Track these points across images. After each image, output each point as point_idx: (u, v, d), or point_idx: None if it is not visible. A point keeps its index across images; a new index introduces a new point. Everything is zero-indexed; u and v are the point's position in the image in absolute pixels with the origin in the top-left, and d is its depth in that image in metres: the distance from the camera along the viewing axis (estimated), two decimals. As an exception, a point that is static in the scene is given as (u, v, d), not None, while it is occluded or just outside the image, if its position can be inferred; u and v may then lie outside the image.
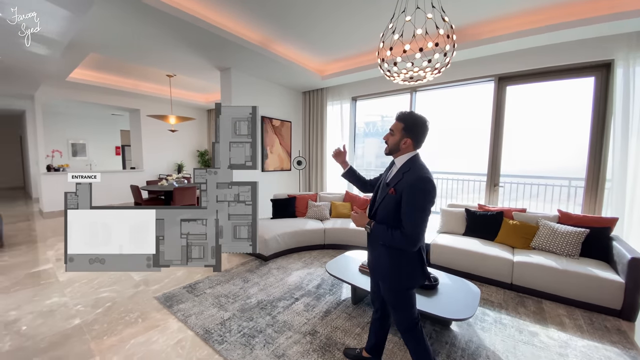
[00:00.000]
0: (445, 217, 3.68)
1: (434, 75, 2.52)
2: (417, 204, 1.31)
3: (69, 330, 2.10)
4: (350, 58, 4.27)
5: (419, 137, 1.43)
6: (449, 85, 4.14)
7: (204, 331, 2.10)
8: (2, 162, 9.18)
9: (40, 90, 5.19)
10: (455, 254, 3.08)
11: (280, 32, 3.41)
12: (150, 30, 3.01)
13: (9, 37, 2.67)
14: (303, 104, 5.63)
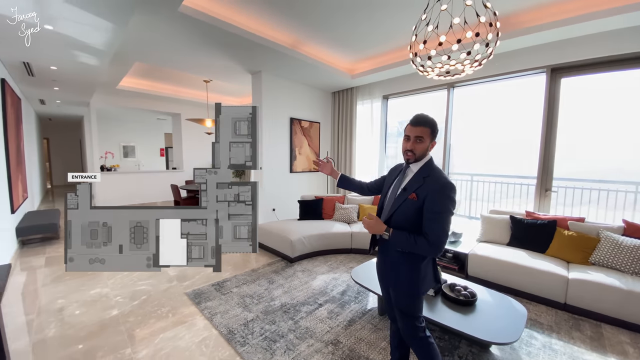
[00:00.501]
0: (487, 225, 3.35)
1: (474, 68, 2.29)
2: (445, 210, 1.28)
3: (106, 320, 2.24)
4: (381, 55, 4.10)
5: (436, 137, 1.42)
6: (491, 79, 3.78)
7: (227, 331, 2.11)
8: (64, 162, 10.40)
9: (95, 97, 5.75)
10: (497, 267, 2.78)
11: (309, 32, 3.37)
12: (186, 37, 3.15)
13: (62, 48, 2.96)
14: (332, 105, 5.56)
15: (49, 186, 10.11)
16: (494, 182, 4.87)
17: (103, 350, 1.90)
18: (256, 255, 3.71)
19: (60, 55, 3.18)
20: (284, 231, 3.56)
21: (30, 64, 3.40)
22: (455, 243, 3.30)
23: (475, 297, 2.04)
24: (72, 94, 5.22)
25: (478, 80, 3.86)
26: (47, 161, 10.09)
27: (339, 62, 4.38)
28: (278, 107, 4.60)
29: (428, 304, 2.02)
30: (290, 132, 4.79)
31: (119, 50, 3.48)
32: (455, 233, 3.44)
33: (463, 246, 3.19)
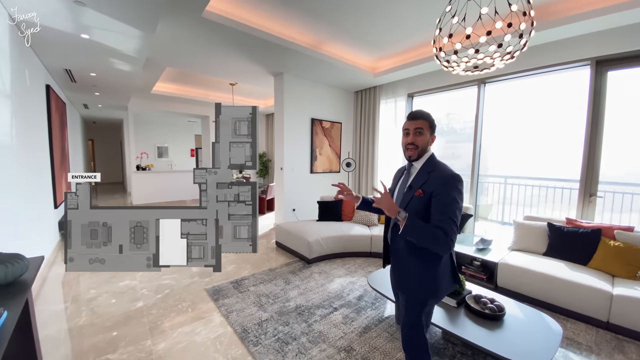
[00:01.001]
0: (521, 232, 3.09)
1: (505, 62, 2.11)
2: (453, 202, 1.23)
3: (132, 312, 2.36)
4: (405, 52, 3.95)
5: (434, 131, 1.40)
6: (527, 73, 3.49)
7: (242, 329, 2.13)
8: (107, 162, 11.29)
9: (132, 101, 6.16)
10: (531, 279, 2.54)
11: (329, 31, 3.34)
12: (210, 42, 3.25)
13: (98, 55, 3.18)
14: (355, 104, 5.47)
15: (93, 184, 11.02)
16: (530, 186, 4.51)
17: (125, 341, 2.00)
18: (275, 255, 3.73)
19: (97, 62, 3.42)
20: (302, 232, 3.55)
21: (71, 71, 3.71)
22: (484, 251, 3.08)
23: (503, 312, 1.87)
24: (112, 99, 5.63)
25: (512, 75, 3.58)
26: (92, 161, 11.00)
27: (361, 61, 4.29)
28: (299, 108, 4.61)
29: (449, 316, 1.89)
30: (311, 133, 4.78)
31: (150, 56, 3.68)
32: (484, 239, 3.21)
33: (493, 254, 2.97)
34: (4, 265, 1.32)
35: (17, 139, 2.35)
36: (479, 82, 3.89)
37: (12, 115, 2.26)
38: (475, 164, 4.00)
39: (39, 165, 3.13)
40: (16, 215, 2.29)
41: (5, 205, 2.07)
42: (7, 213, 2.10)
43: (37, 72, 3.24)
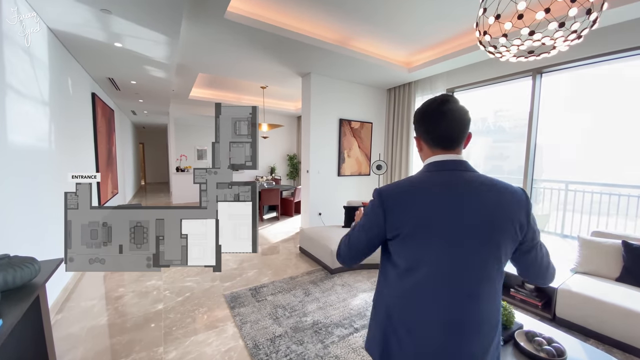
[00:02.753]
0: (587, 251, 2.55)
1: (570, 43, 1.70)
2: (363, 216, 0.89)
3: (151, 314, 2.38)
4: (443, 43, 3.56)
5: (423, 129, 0.85)
6: (594, 60, 2.90)
7: (253, 344, 2.00)
8: (156, 164, 12.26)
9: (172, 107, 6.53)
10: (600, 311, 2.05)
11: (357, 26, 3.10)
12: (235, 44, 3.22)
13: (134, 63, 3.34)
14: (387, 103, 5.14)
15: (143, 183, 12.06)
16: (599, 193, 3.78)
17: (140, 345, 1.99)
18: (298, 261, 3.59)
19: (134, 70, 3.61)
20: (326, 238, 3.36)
21: (114, 79, 3.98)
22: (538, 270, 2.58)
23: (564, 356, 1.47)
24: (154, 105, 6.02)
25: (576, 62, 3.00)
26: (142, 163, 12.04)
27: (394, 55, 3.98)
28: (327, 108, 4.44)
29: (491, 354, 1.55)
30: (339, 134, 4.57)
31: (181, 62, 3.80)
32: (537, 257, 2.71)
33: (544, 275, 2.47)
34: (13, 269, 1.33)
35: (55, 144, 2.51)
36: (534, 72, 3.34)
37: (50, 122, 2.41)
38: (528, 166, 3.45)
39: (82, 168, 3.37)
40: (54, 216, 2.43)
41: (42, 208, 2.20)
42: (42, 216, 2.22)
43: (83, 81, 3.51)
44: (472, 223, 0.73)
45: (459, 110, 0.80)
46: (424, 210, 0.75)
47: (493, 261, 0.74)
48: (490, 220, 0.73)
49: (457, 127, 0.80)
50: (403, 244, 0.78)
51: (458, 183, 0.77)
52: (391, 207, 0.78)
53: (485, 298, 0.74)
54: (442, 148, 0.82)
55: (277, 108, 7.39)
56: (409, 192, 0.79)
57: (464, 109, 0.81)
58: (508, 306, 1.68)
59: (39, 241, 2.14)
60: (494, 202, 0.74)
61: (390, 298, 0.82)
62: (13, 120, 1.83)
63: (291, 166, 8.54)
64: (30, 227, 2.04)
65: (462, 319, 0.74)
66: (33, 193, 2.10)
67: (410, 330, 0.77)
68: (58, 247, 2.31)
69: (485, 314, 0.75)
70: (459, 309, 0.74)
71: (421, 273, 0.76)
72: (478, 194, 0.75)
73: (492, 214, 0.73)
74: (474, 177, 0.78)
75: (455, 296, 0.74)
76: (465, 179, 0.77)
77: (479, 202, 0.74)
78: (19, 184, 1.91)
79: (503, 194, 0.75)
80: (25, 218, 1.97)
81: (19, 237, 1.89)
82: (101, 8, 2.10)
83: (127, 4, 2.07)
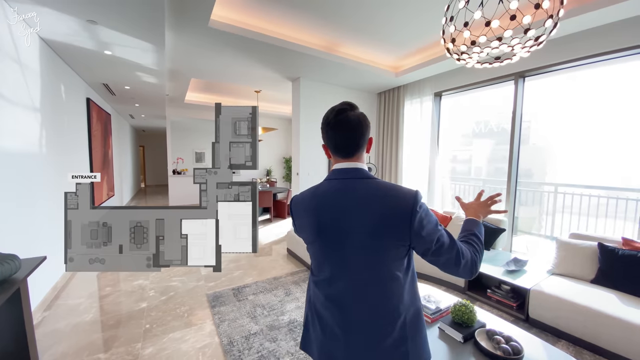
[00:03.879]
0: (564, 252, 2.58)
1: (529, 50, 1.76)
2: None
3: (134, 312, 2.46)
4: (428, 47, 3.62)
5: (325, 138, 0.89)
6: (575, 64, 2.94)
7: (228, 341, 2.07)
8: (155, 167, 12.42)
9: (169, 111, 6.67)
10: (571, 312, 2.08)
11: (343, 32, 3.18)
12: (222, 51, 3.31)
13: (126, 70, 3.46)
14: (378, 107, 5.20)
15: (143, 185, 12.21)
16: (587, 196, 3.79)
17: (119, 341, 2.06)
18: (284, 262, 3.65)
19: (127, 76, 3.73)
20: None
21: (108, 85, 4.10)
22: (517, 273, 2.62)
23: (521, 355, 1.51)
24: (150, 109, 6.15)
25: (558, 66, 3.05)
26: (142, 165, 12.21)
27: (381, 60, 4.05)
28: (316, 112, 4.51)
29: (452, 353, 1.60)
30: (328, 137, 4.64)
31: (173, 68, 3.91)
32: (518, 260, 2.75)
33: (526, 278, 2.51)
34: (-8, 265, 1.42)
35: (46, 148, 2.62)
36: (516, 76, 3.39)
37: (41, 127, 2.52)
38: (512, 168, 3.49)
39: (76, 170, 3.48)
40: (49, 217, 2.53)
41: (37, 208, 2.30)
42: (38, 217, 2.33)
43: (77, 87, 3.63)
44: (359, 226, 0.78)
45: (354, 119, 0.83)
46: (319, 217, 0.83)
47: (378, 262, 0.78)
48: (374, 224, 0.76)
49: (352, 136, 0.84)
50: (310, 247, 0.90)
51: (354, 188, 0.81)
52: (297, 215, 0.91)
53: (372, 297, 0.80)
54: (341, 156, 0.87)
55: (272, 111, 7.49)
56: (309, 200, 0.88)
57: (359, 117, 0.84)
58: (470, 304, 1.73)
59: (30, 241, 2.23)
60: (381, 207, 0.77)
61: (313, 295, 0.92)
62: (2, 126, 1.93)
63: (287, 169, 8.63)
64: (24, 228, 2.15)
65: (350, 318, 0.81)
66: (26, 194, 2.21)
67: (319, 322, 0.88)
68: (52, 247, 2.44)
69: (375, 311, 0.80)
70: (348, 308, 0.82)
71: (323, 275, 0.86)
72: (368, 199, 0.79)
73: (378, 218, 0.76)
74: (368, 183, 0.81)
75: (344, 296, 0.82)
76: (359, 186, 0.82)
77: (367, 207, 0.78)
78: (11, 186, 2.00)
79: (393, 199, 0.77)
80: (17, 219, 2.07)
81: (12, 239, 1.99)
82: (87, 19, 2.21)
83: (111, 15, 2.17)
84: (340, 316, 0.82)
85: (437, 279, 3.03)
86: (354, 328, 0.81)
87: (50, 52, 2.78)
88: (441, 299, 2.01)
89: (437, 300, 1.94)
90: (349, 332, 0.81)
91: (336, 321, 0.82)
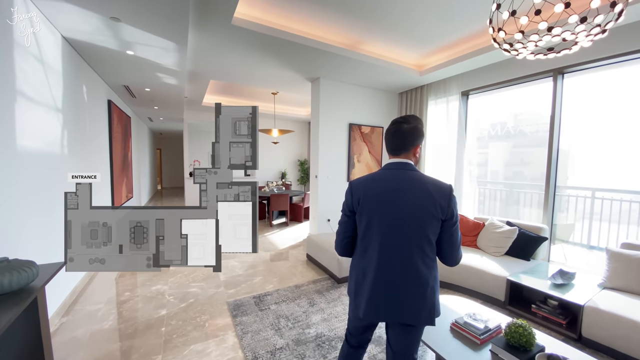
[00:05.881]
0: (616, 264, 2.33)
1: (593, 38, 1.56)
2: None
3: (153, 320, 2.36)
4: (457, 44, 3.43)
5: (385, 141, 1.27)
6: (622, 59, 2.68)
7: (252, 356, 1.92)
8: (173, 169, 12.59)
9: (186, 114, 6.69)
10: (630, 331, 1.84)
11: (367, 29, 3.04)
12: (244, 50, 3.23)
13: (147, 71, 3.43)
14: (399, 107, 5.02)
15: (159, 188, 12.39)
16: (628, 201, 3.48)
17: (139, 353, 1.96)
18: (304, 269, 3.50)
19: (148, 78, 3.70)
20: (333, 246, 3.25)
21: (129, 87, 4.09)
22: (564, 287, 2.37)
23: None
24: (168, 112, 6.18)
25: (601, 62, 2.80)
26: (159, 168, 12.40)
27: (404, 58, 3.88)
28: (336, 113, 4.38)
29: (507, 380, 1.40)
30: (348, 139, 4.49)
31: (192, 69, 3.86)
32: (564, 272, 2.51)
33: (576, 292, 2.27)
34: (10, 272, 1.33)
35: (68, 149, 2.58)
36: (555, 72, 3.15)
37: (63, 128, 2.48)
38: (551, 173, 3.23)
39: (96, 172, 3.45)
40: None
41: (57, 212, 2.23)
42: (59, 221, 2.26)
43: (99, 88, 3.63)
44: (410, 201, 1.09)
45: (408, 130, 1.17)
46: (381, 193, 1.14)
47: (421, 234, 1.09)
48: (421, 204, 1.08)
49: (404, 141, 1.17)
50: (364, 217, 1.16)
51: (405, 175, 1.15)
52: (356, 193, 1.19)
53: (416, 261, 1.10)
54: (395, 154, 1.21)
55: (288, 114, 7.41)
56: (370, 182, 1.19)
57: (408, 129, 1.16)
58: (528, 326, 1.53)
59: (51, 246, 2.17)
60: (423, 191, 1.09)
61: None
62: (24, 126, 1.87)
63: (302, 171, 8.52)
64: (43, 231, 2.08)
65: (397, 272, 1.11)
66: (46, 197, 2.15)
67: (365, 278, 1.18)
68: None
69: (416, 272, 1.10)
70: (393, 268, 1.11)
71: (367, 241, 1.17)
72: (417, 183, 1.12)
73: (421, 199, 1.08)
74: (415, 173, 1.15)
75: (391, 259, 1.11)
76: (409, 174, 1.15)
77: (416, 189, 1.10)
78: (31, 188, 1.94)
79: (436, 185, 1.11)
80: (37, 221, 2.01)
81: (32, 241, 1.92)
82: (110, 16, 2.15)
83: (134, 12, 2.10)
84: (386, 270, 1.12)
85: (471, 291, 2.80)
86: (401, 280, 1.11)
87: (73, 52, 2.75)
88: (488, 316, 1.81)
89: (483, 318, 1.74)
90: (401, 286, 1.11)
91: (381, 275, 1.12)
